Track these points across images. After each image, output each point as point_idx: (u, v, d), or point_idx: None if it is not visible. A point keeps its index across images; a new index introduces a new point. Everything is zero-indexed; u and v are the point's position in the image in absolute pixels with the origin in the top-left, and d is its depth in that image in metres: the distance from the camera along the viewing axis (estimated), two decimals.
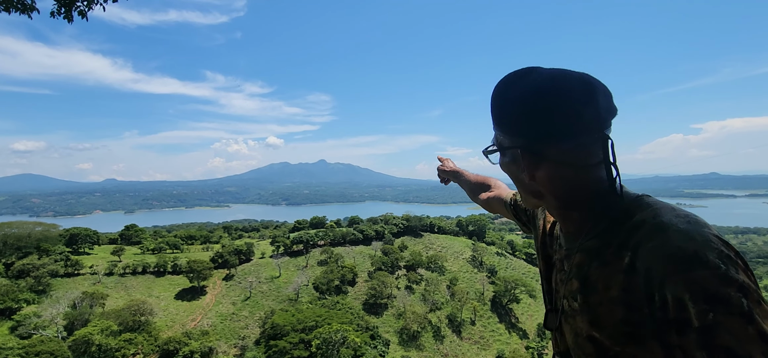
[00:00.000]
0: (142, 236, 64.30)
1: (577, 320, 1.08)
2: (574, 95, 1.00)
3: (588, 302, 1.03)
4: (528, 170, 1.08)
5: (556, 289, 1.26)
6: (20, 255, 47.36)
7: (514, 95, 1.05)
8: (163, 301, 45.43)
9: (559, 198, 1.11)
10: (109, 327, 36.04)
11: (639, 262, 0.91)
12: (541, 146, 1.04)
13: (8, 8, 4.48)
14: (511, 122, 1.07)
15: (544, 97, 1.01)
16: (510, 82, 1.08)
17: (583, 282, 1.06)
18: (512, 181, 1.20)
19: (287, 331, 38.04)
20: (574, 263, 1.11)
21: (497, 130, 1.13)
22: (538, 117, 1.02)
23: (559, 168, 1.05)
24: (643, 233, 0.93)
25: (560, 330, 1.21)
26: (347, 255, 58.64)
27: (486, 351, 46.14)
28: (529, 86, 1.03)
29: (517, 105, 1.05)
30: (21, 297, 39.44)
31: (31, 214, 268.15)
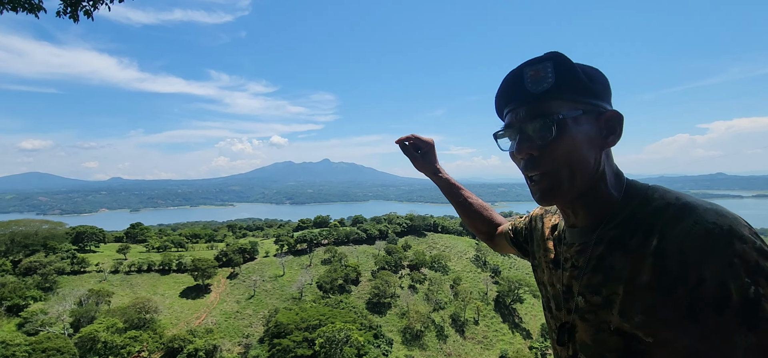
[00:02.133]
0: (148, 235, 64.70)
1: (602, 314, 1.00)
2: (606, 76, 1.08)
3: (615, 293, 0.96)
4: (599, 129, 1.03)
5: (564, 290, 1.17)
6: (27, 253, 47.81)
7: (579, 64, 1.03)
8: (167, 299, 45.72)
9: (588, 176, 1.02)
10: (114, 324, 36.33)
11: (669, 244, 0.88)
12: (600, 106, 1.03)
13: (15, 7, 4.53)
14: (585, 83, 1.01)
15: (595, 68, 1.06)
16: (563, 55, 1.04)
17: (607, 273, 1.00)
18: (529, 163, 1.07)
19: (291, 329, 38.15)
20: (593, 256, 1.05)
21: (558, 99, 1.02)
22: (598, 77, 1.04)
23: (595, 141, 1.02)
24: (670, 216, 0.92)
25: (571, 333, 1.12)
26: (351, 254, 58.71)
27: (489, 351, 46.05)
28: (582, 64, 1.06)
29: (578, 67, 1.02)
30: (28, 294, 39.83)
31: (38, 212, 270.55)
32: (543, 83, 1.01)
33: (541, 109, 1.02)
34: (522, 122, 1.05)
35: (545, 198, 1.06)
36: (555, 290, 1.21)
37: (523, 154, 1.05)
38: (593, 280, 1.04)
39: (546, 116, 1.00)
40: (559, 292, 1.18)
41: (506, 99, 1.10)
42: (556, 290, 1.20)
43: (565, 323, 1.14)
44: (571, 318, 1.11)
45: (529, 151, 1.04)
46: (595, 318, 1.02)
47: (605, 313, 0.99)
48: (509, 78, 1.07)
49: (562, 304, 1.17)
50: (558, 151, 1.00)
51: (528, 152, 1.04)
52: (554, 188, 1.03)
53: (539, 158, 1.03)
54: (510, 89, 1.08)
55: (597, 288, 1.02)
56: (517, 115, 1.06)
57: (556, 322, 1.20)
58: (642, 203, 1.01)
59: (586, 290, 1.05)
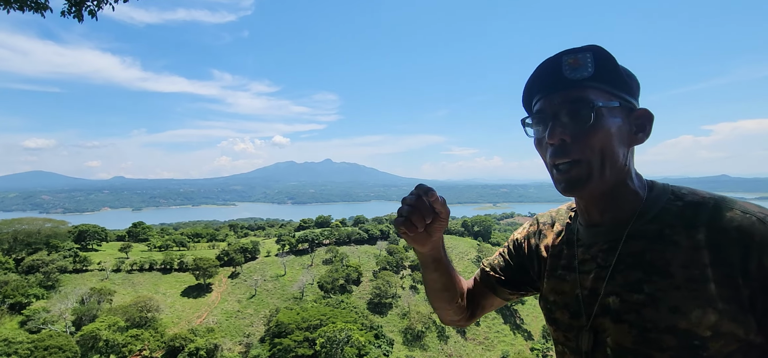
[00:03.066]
0: (150, 234, 64.85)
1: (647, 313, 0.92)
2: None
3: (662, 289, 0.91)
4: (630, 125, 1.02)
5: (586, 294, 1.08)
6: (30, 251, 47.98)
7: (610, 54, 1.01)
8: (169, 298, 45.83)
9: (618, 169, 1.00)
10: (116, 323, 36.46)
11: (722, 236, 0.87)
12: (633, 103, 1.03)
13: (22, 7, 4.55)
14: (622, 78, 1.00)
15: (623, 67, 1.05)
16: (602, 48, 1.03)
17: (648, 270, 0.94)
18: (560, 150, 1.02)
19: (292, 329, 38.19)
20: (628, 252, 0.99)
21: (595, 89, 0.99)
22: (633, 76, 1.04)
23: (626, 136, 1.01)
24: (713, 209, 0.92)
25: (599, 338, 1.02)
26: (352, 254, 58.74)
27: (490, 352, 46.01)
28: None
29: (622, 68, 1.01)
30: (30, 292, 40.01)
31: (41, 210, 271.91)
32: (582, 71, 0.99)
33: (578, 96, 0.99)
34: (556, 108, 1.01)
35: (572, 187, 1.01)
36: (569, 297, 1.13)
37: (556, 140, 1.00)
38: (631, 277, 0.97)
39: (584, 102, 0.98)
40: (575, 297, 1.10)
41: (539, 86, 1.06)
42: (572, 296, 1.12)
43: (588, 327, 1.05)
44: (598, 322, 1.02)
45: (562, 136, 1.00)
46: (638, 317, 0.94)
47: (650, 311, 0.92)
48: (545, 65, 1.04)
49: (581, 310, 1.08)
50: (593, 139, 0.97)
51: (560, 138, 1.00)
52: (583, 178, 0.99)
53: (571, 145, 0.99)
54: (545, 75, 1.04)
55: (637, 286, 0.95)
56: (550, 101, 1.03)
57: (573, 331, 1.10)
58: (672, 198, 1.00)
59: (623, 289, 0.98)
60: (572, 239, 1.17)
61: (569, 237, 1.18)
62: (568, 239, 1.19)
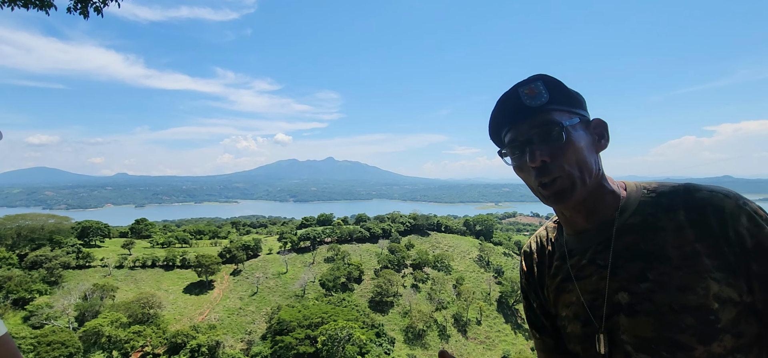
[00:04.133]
0: (152, 230, 65.08)
1: (659, 298, 0.98)
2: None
3: (665, 273, 0.98)
4: (592, 136, 1.15)
5: (592, 299, 1.12)
6: (33, 247, 48.26)
7: (556, 78, 1.14)
8: (171, 294, 46.00)
9: (594, 176, 1.11)
10: (118, 319, 36.61)
11: (700, 213, 0.99)
12: (587, 116, 1.17)
13: (27, 4, 4.57)
14: (573, 96, 1.15)
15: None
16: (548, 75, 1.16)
17: (647, 258, 1.02)
18: (542, 171, 1.11)
19: (293, 327, 38.27)
20: (622, 246, 1.07)
21: (555, 110, 1.11)
22: (578, 92, 1.18)
23: (592, 145, 1.14)
24: (684, 193, 1.04)
25: (614, 337, 1.06)
26: (354, 253, 58.79)
27: (491, 351, 45.98)
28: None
29: (563, 84, 1.14)
30: (34, 288, 40.22)
31: (45, 206, 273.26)
32: (540, 98, 1.10)
33: (544, 119, 1.09)
34: (527, 134, 1.11)
35: (560, 199, 1.10)
36: (576, 306, 1.17)
37: (537, 162, 1.09)
38: (633, 269, 1.04)
39: (552, 123, 1.08)
40: (581, 305, 1.15)
41: (505, 118, 1.17)
42: (578, 305, 1.16)
43: (601, 331, 1.09)
44: (612, 322, 1.07)
45: (542, 158, 1.08)
46: (652, 305, 0.99)
47: (662, 295, 0.98)
48: (505, 98, 1.15)
49: (590, 315, 1.12)
50: (568, 155, 1.07)
51: (541, 160, 1.08)
52: (568, 189, 1.08)
53: (552, 164, 1.08)
54: (508, 108, 1.15)
55: (642, 275, 1.02)
56: (519, 130, 1.13)
57: (588, 340, 1.12)
58: (646, 192, 1.12)
59: (629, 282, 1.04)
60: (563, 251, 1.23)
61: (560, 251, 1.25)
62: (560, 254, 1.25)
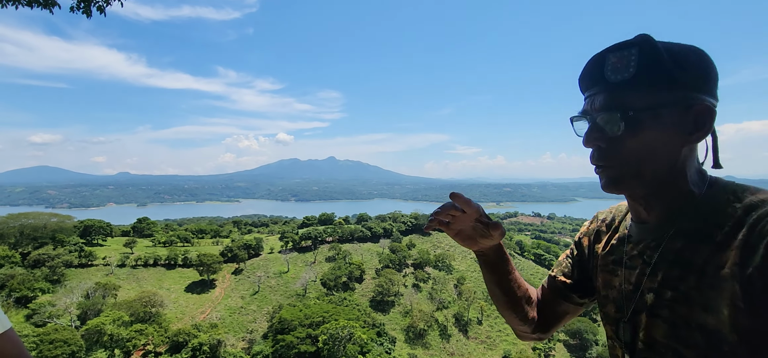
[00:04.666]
0: (154, 229, 65.27)
1: (679, 310, 0.94)
2: (713, 63, 0.97)
3: (695, 288, 0.91)
4: (682, 124, 0.95)
5: (630, 290, 1.10)
6: (36, 245, 48.47)
7: (669, 46, 0.95)
8: (173, 293, 46.13)
9: (662, 171, 0.99)
10: (120, 317, 36.75)
11: (756, 237, 0.84)
12: (693, 99, 0.94)
13: (31, 3, 4.60)
14: (675, 73, 0.93)
15: (696, 49, 0.96)
16: (652, 40, 0.95)
17: (685, 267, 0.94)
18: (596, 154, 1.03)
19: (294, 326, 38.33)
20: (670, 249, 0.99)
21: (637, 91, 0.96)
22: (693, 65, 0.94)
23: (676, 136, 0.95)
24: (760, 211, 0.87)
25: (635, 332, 1.07)
26: (355, 252, 58.85)
27: (493, 351, 45.97)
28: (685, 46, 0.96)
29: (669, 54, 0.93)
30: (36, 286, 40.39)
31: (47, 205, 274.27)
32: (623, 73, 0.96)
33: (615, 101, 0.97)
34: (596, 111, 1.01)
35: (610, 186, 1.03)
36: (616, 292, 1.16)
37: (590, 145, 1.03)
38: (669, 274, 0.98)
39: (617, 109, 0.96)
40: (622, 293, 1.13)
41: (586, 83, 1.06)
42: (618, 292, 1.15)
43: (626, 320, 1.10)
44: (637, 317, 1.06)
45: (596, 142, 1.02)
46: (671, 314, 0.96)
47: (684, 308, 0.93)
48: (592, 61, 1.04)
49: (623, 305, 1.12)
50: (625, 147, 0.97)
51: (595, 144, 1.02)
52: (617, 180, 1.01)
53: (606, 150, 1.01)
54: (590, 74, 1.04)
55: (674, 283, 0.97)
56: (593, 103, 1.02)
57: (617, 324, 1.15)
58: (729, 199, 0.96)
59: (660, 285, 1.00)
60: (624, 235, 1.19)
61: (622, 233, 1.20)
62: (620, 236, 1.21)
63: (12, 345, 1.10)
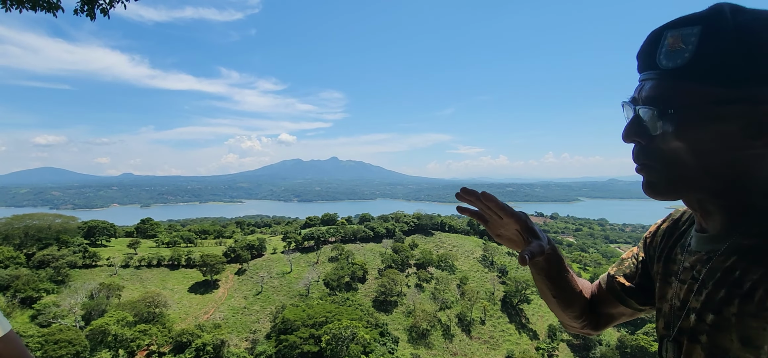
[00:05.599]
0: (158, 230, 65.51)
1: (719, 338, 0.80)
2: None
3: (738, 314, 0.76)
4: (743, 127, 0.77)
5: (678, 306, 0.97)
6: (40, 246, 48.75)
7: (748, 20, 0.75)
8: (176, 293, 46.29)
9: (715, 180, 0.83)
10: (124, 318, 36.90)
11: None
12: (762, 94, 0.76)
13: (35, 7, 4.63)
14: (735, 60, 0.75)
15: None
16: (725, 14, 0.76)
17: (732, 290, 0.79)
18: (635, 150, 0.91)
19: (297, 326, 38.39)
20: (719, 267, 0.85)
21: (690, 80, 0.79)
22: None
23: (735, 139, 0.79)
24: None
25: (679, 349, 0.94)
26: (358, 252, 58.86)
27: (495, 351, 45.87)
28: (759, 14, 0.76)
29: (751, 32, 0.74)
30: (41, 287, 40.63)
31: (52, 206, 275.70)
32: (677, 58, 0.80)
33: (661, 92, 0.83)
34: (641, 101, 0.87)
35: (647, 191, 0.91)
36: (668, 305, 1.03)
37: (628, 140, 0.90)
38: (714, 295, 0.83)
39: (659, 104, 0.82)
40: (672, 308, 1.00)
41: (639, 65, 0.92)
42: (670, 306, 1.02)
43: (670, 339, 0.97)
44: (682, 338, 0.93)
45: (634, 138, 0.89)
46: (709, 342, 0.82)
47: (722, 337, 0.79)
48: (650, 38, 0.88)
49: (671, 322, 0.98)
50: (667, 148, 0.83)
51: (633, 139, 0.89)
52: (655, 185, 0.89)
53: (645, 148, 0.88)
54: (645, 53, 0.89)
55: (717, 306, 0.82)
56: (641, 89, 0.88)
57: (662, 340, 1.03)
58: None
59: (703, 307, 0.86)
60: (686, 244, 1.04)
61: (684, 242, 1.06)
62: (683, 244, 1.07)
63: (12, 347, 1.10)
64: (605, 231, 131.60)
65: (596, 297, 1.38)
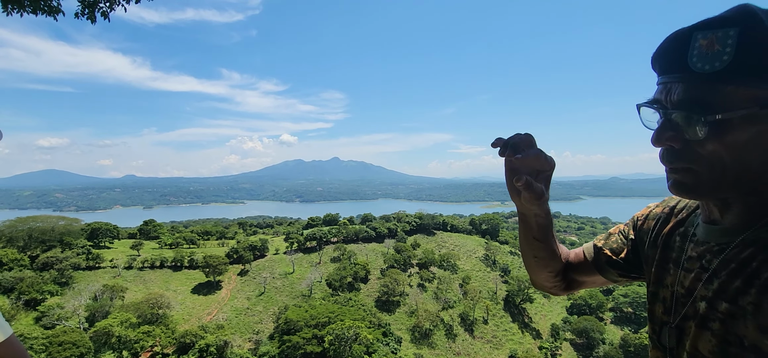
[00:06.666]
0: (160, 231, 65.71)
1: (733, 326, 0.82)
2: None
3: (757, 304, 0.78)
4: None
5: (683, 293, 0.99)
6: (44, 248, 48.96)
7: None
8: (180, 295, 46.41)
9: (749, 179, 0.83)
10: (128, 319, 37.05)
11: None
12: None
13: (36, 10, 4.64)
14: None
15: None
16: (757, 14, 0.75)
17: (750, 280, 0.81)
18: (668, 154, 0.89)
19: (300, 326, 38.43)
20: (735, 258, 0.87)
21: (734, 83, 0.77)
22: None
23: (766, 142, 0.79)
24: None
25: (680, 339, 0.97)
26: (360, 252, 58.88)
27: (498, 351, 45.81)
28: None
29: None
30: (45, 289, 40.82)
31: (55, 208, 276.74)
32: (715, 61, 0.77)
33: (699, 97, 0.79)
34: (672, 105, 0.84)
35: (681, 192, 0.90)
36: (668, 292, 1.06)
37: (663, 145, 0.88)
38: (729, 285, 0.85)
39: (702, 109, 0.79)
40: (673, 293, 1.03)
41: (663, 65, 0.89)
42: (670, 292, 1.04)
43: (673, 325, 1.00)
44: (685, 324, 0.96)
45: (669, 142, 0.86)
46: (722, 328, 0.85)
47: (738, 325, 0.81)
48: (673, 39, 0.85)
49: (673, 307, 1.02)
50: (706, 152, 0.81)
51: (668, 144, 0.86)
52: (690, 186, 0.88)
53: (681, 152, 0.85)
54: (669, 55, 0.86)
55: (732, 295, 0.84)
56: (668, 92, 0.85)
57: (661, 325, 1.06)
58: None
59: (716, 295, 0.88)
60: (689, 232, 1.06)
61: (687, 229, 1.08)
62: (684, 231, 1.09)
63: (14, 352, 1.10)
64: (607, 229, 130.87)
65: (573, 264, 1.44)
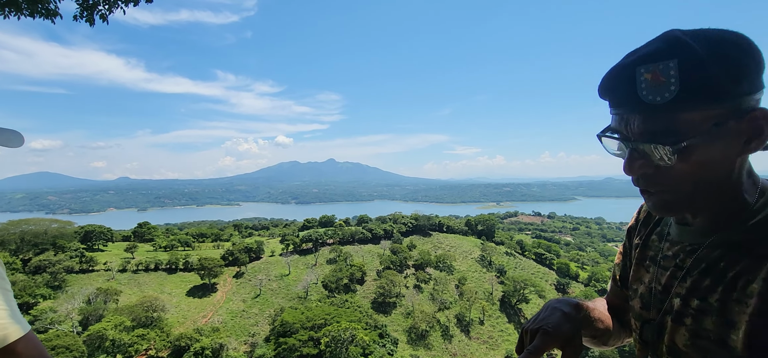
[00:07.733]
0: (155, 234, 65.27)
1: (703, 321, 0.92)
2: (758, 48, 0.82)
3: (723, 301, 0.87)
4: (737, 137, 0.83)
5: (660, 290, 1.08)
6: (37, 251, 48.45)
7: (706, 43, 0.80)
8: (174, 297, 46.10)
9: (716, 187, 0.90)
10: (122, 323, 36.72)
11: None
12: (748, 104, 0.82)
13: (33, 13, 4.63)
14: (722, 80, 0.79)
15: (736, 40, 0.80)
16: (687, 43, 0.80)
17: (718, 279, 0.90)
18: (642, 179, 0.94)
19: (296, 328, 38.32)
20: (705, 258, 0.95)
21: (685, 111, 0.82)
22: (746, 66, 0.80)
23: (732, 150, 0.85)
24: None
25: (660, 334, 1.05)
26: (356, 254, 58.84)
27: (495, 351, 45.93)
28: (723, 38, 0.80)
29: (717, 59, 0.78)
30: (38, 292, 40.40)
31: (48, 211, 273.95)
32: (664, 92, 0.81)
33: (660, 127, 0.84)
34: (635, 136, 0.88)
35: (662, 211, 0.95)
36: (645, 288, 1.15)
37: (636, 174, 0.93)
38: (700, 283, 0.95)
39: (666, 139, 0.83)
40: (650, 290, 1.12)
41: (614, 100, 0.93)
42: (647, 288, 1.14)
43: (652, 321, 1.09)
44: (663, 319, 1.04)
45: (642, 170, 0.91)
46: (693, 323, 0.94)
47: (707, 320, 0.90)
48: (616, 75, 0.90)
49: (651, 303, 1.10)
50: (676, 173, 0.87)
51: (641, 171, 0.92)
52: (671, 205, 0.93)
53: (655, 176, 0.91)
54: (617, 90, 0.90)
55: (702, 293, 0.93)
56: (628, 125, 0.89)
57: (640, 321, 1.14)
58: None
59: (688, 292, 0.97)
60: (664, 232, 1.15)
61: (662, 230, 1.16)
62: (660, 232, 1.17)
63: (33, 347, 1.12)
64: (602, 230, 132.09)
65: (613, 304, 1.44)
